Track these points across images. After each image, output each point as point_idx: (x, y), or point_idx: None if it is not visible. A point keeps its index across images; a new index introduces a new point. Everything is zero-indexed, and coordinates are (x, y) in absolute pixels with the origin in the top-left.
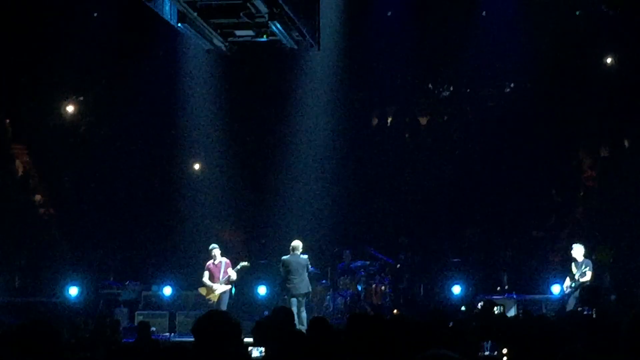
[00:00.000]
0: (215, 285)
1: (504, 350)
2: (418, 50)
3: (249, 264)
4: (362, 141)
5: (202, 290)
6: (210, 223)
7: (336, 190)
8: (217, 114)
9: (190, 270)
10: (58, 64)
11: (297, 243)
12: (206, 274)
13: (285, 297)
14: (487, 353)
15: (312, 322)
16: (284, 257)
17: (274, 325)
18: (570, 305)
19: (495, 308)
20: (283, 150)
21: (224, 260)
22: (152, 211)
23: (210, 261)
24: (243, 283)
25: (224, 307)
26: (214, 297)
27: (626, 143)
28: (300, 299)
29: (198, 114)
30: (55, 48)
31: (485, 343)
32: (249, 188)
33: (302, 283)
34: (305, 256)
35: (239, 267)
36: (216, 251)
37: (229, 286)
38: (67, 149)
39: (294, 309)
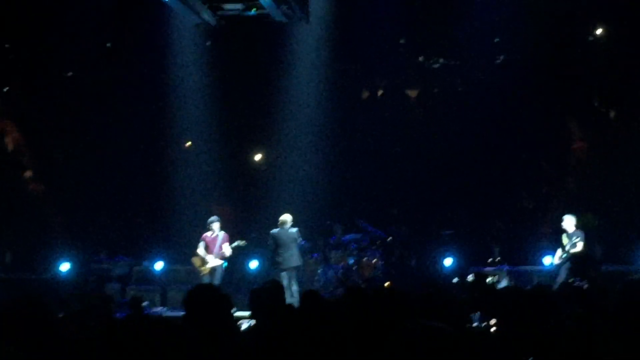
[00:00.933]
0: (208, 257)
1: (492, 322)
2: (408, 22)
3: (245, 243)
4: (352, 114)
5: (196, 261)
6: (201, 197)
7: (327, 163)
8: (206, 89)
9: (181, 244)
10: (48, 40)
11: (286, 217)
12: (201, 244)
13: (276, 271)
14: (475, 324)
15: (304, 295)
16: (273, 231)
17: (264, 298)
18: (562, 276)
19: (488, 279)
20: (273, 124)
21: (222, 233)
22: (142, 186)
23: (208, 233)
24: (234, 257)
25: (217, 282)
26: (205, 270)
27: (612, 114)
28: (290, 272)
29: (188, 89)
30: (45, 24)
31: (473, 315)
32: (239, 162)
33: (293, 257)
34: (295, 229)
35: (235, 244)
36: (216, 225)
37: (222, 261)
38: (58, 125)
39: (285, 283)
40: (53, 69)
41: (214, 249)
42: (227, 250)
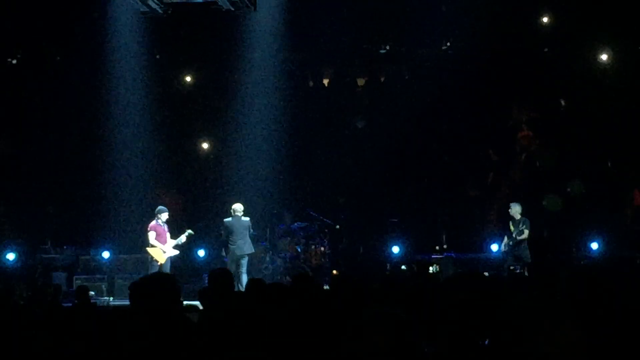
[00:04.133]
0: (165, 247)
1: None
2: (355, 8)
3: (193, 233)
4: (300, 103)
5: (153, 252)
6: (149, 186)
7: (275, 152)
8: (152, 77)
9: (128, 233)
10: None
11: (238, 206)
12: (153, 234)
13: (226, 259)
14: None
15: (248, 283)
16: (226, 220)
17: (212, 287)
18: (509, 263)
19: (430, 268)
20: (220, 113)
21: (166, 225)
22: (88, 175)
23: (154, 222)
24: (182, 246)
25: (167, 271)
26: (162, 259)
27: (562, 102)
28: (242, 260)
29: (133, 77)
30: None
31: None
32: (186, 150)
33: (246, 245)
34: (247, 218)
35: (186, 234)
36: (164, 215)
37: (177, 251)
38: (1, 114)
39: (234, 270)
40: None
41: (166, 237)
42: (181, 239)
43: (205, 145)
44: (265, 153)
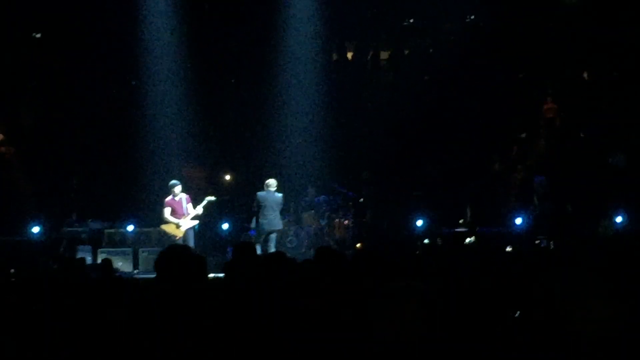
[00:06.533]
0: (181, 221)
1: None
2: None
3: (215, 199)
4: (323, 77)
5: (168, 227)
6: (172, 159)
7: (299, 126)
8: (179, 52)
9: (152, 206)
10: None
11: (272, 181)
12: (168, 210)
13: (252, 232)
14: None
15: (271, 256)
16: (259, 193)
17: (237, 260)
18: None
19: (467, 239)
20: (245, 87)
21: (184, 195)
22: (113, 148)
23: (170, 197)
24: (206, 219)
25: (191, 244)
26: (179, 233)
27: (585, 75)
28: (272, 235)
29: (160, 53)
30: None
31: None
32: (211, 124)
33: (276, 219)
34: (280, 194)
35: (205, 202)
36: (178, 188)
37: (196, 222)
38: (27, 87)
39: (262, 245)
40: (21, 30)
41: (182, 210)
42: (199, 210)
43: (228, 120)
44: (289, 127)
